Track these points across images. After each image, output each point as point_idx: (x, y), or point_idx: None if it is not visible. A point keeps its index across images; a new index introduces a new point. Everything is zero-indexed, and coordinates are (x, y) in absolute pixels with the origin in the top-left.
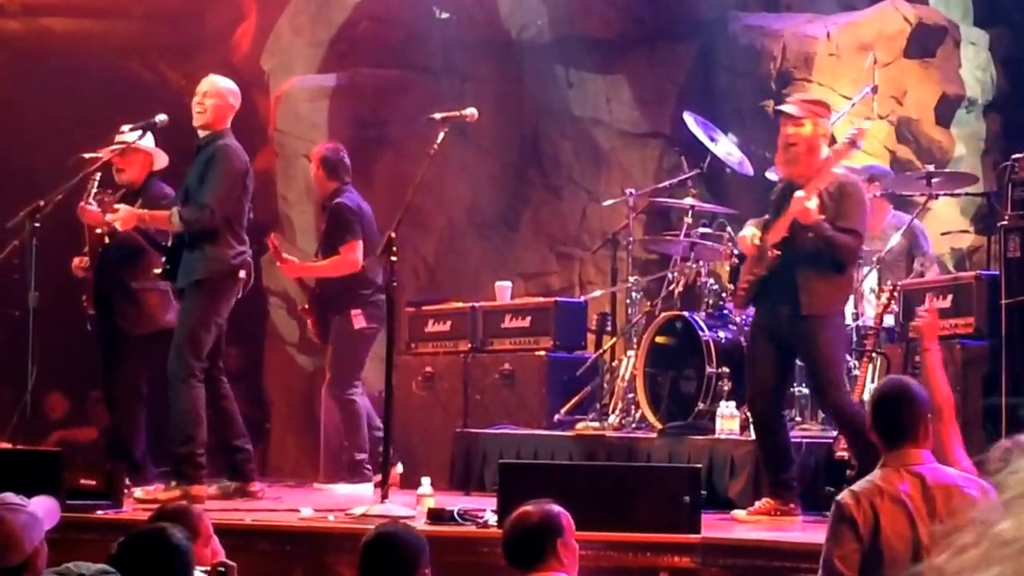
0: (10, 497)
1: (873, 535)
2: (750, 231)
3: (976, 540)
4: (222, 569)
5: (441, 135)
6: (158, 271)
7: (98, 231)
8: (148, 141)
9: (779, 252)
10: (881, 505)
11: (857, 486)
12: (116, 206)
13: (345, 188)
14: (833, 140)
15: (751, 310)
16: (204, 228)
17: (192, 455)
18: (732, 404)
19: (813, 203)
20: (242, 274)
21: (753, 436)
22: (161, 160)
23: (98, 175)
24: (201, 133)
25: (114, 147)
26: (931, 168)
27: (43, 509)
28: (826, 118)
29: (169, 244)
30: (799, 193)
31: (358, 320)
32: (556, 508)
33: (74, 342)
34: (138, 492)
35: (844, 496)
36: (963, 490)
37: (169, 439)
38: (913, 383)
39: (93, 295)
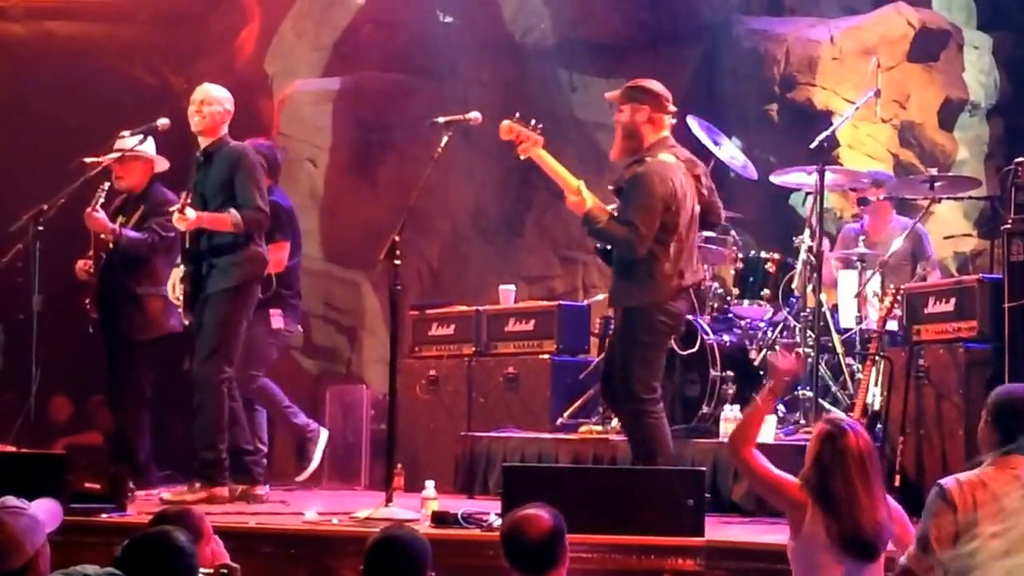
0: (11, 500)
1: (969, 523)
2: None
3: None
4: (225, 571)
5: (445, 139)
6: (178, 293)
7: (102, 236)
8: (148, 147)
9: (601, 246)
10: (981, 498)
11: (963, 476)
12: (187, 210)
13: (276, 187)
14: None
15: (746, 311)
16: (258, 229)
17: (218, 459)
18: (736, 408)
19: (577, 198)
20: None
21: (758, 440)
22: (161, 165)
23: (107, 183)
24: (203, 140)
25: (115, 153)
26: (934, 172)
27: (45, 512)
28: (648, 104)
29: (180, 258)
30: (567, 193)
31: (276, 320)
32: (554, 511)
33: (77, 346)
34: (166, 494)
35: (948, 481)
36: None
37: (195, 443)
38: None
39: (96, 299)
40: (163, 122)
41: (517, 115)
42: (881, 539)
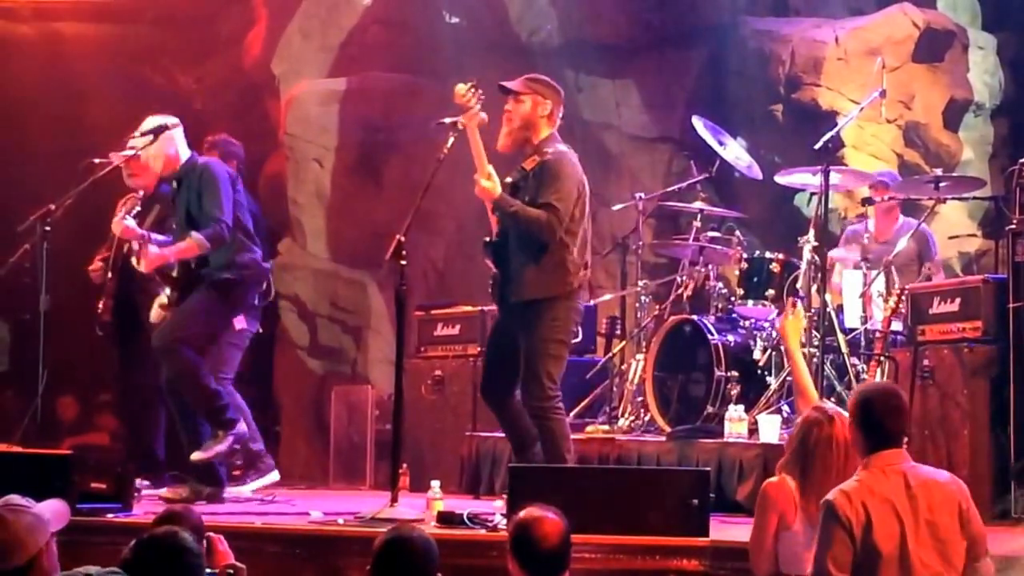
0: (15, 499)
1: (865, 534)
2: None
3: None
4: (231, 572)
5: (451, 139)
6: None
7: (138, 243)
8: (159, 146)
9: (495, 240)
10: (872, 504)
11: (846, 486)
12: (142, 252)
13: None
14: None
15: (750, 312)
16: (223, 241)
17: (225, 404)
18: (741, 408)
19: (489, 182)
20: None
21: (762, 440)
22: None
23: (141, 192)
24: (168, 176)
25: (125, 152)
26: (939, 172)
27: (52, 512)
28: (550, 100)
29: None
30: (476, 176)
31: (239, 321)
32: (559, 512)
33: (85, 346)
34: (165, 492)
35: (836, 496)
36: (941, 484)
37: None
38: (900, 391)
39: (113, 302)
40: (173, 122)
41: (472, 83)
42: None
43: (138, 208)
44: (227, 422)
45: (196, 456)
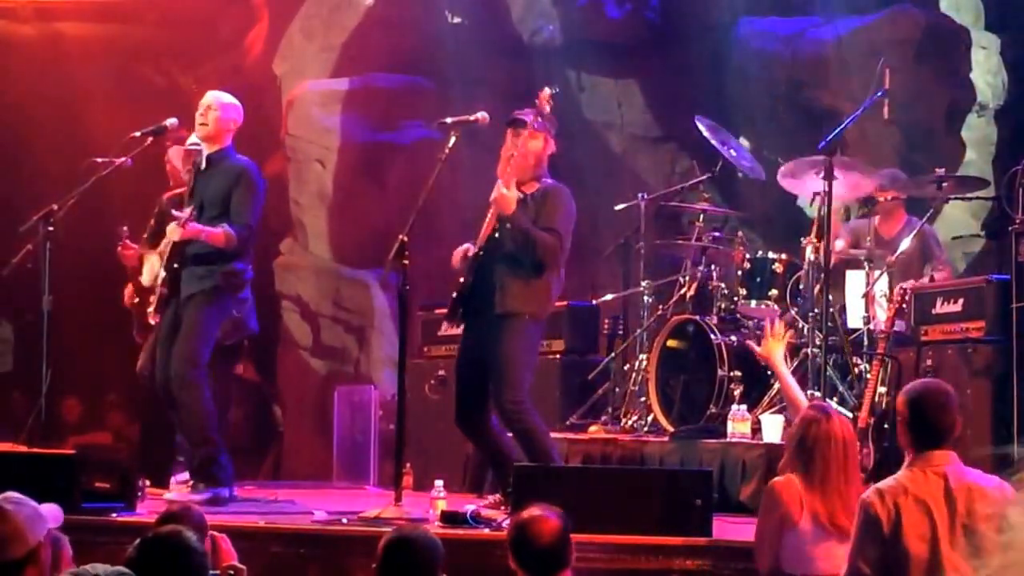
0: (13, 495)
1: (894, 533)
2: (464, 246)
3: None
4: (232, 572)
5: (452, 139)
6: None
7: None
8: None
9: (481, 253)
10: (904, 504)
11: (883, 484)
12: (180, 215)
13: None
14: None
15: (753, 311)
16: (245, 248)
17: (216, 453)
18: (743, 408)
19: (512, 192)
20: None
21: (765, 440)
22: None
23: (184, 199)
24: (207, 147)
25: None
26: (942, 172)
27: (46, 510)
28: (552, 138)
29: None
30: (499, 183)
31: None
32: (560, 511)
33: (88, 346)
34: (170, 494)
35: (870, 495)
36: (984, 489)
37: (189, 441)
38: (950, 389)
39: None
40: (172, 122)
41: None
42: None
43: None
44: (212, 477)
45: (168, 495)
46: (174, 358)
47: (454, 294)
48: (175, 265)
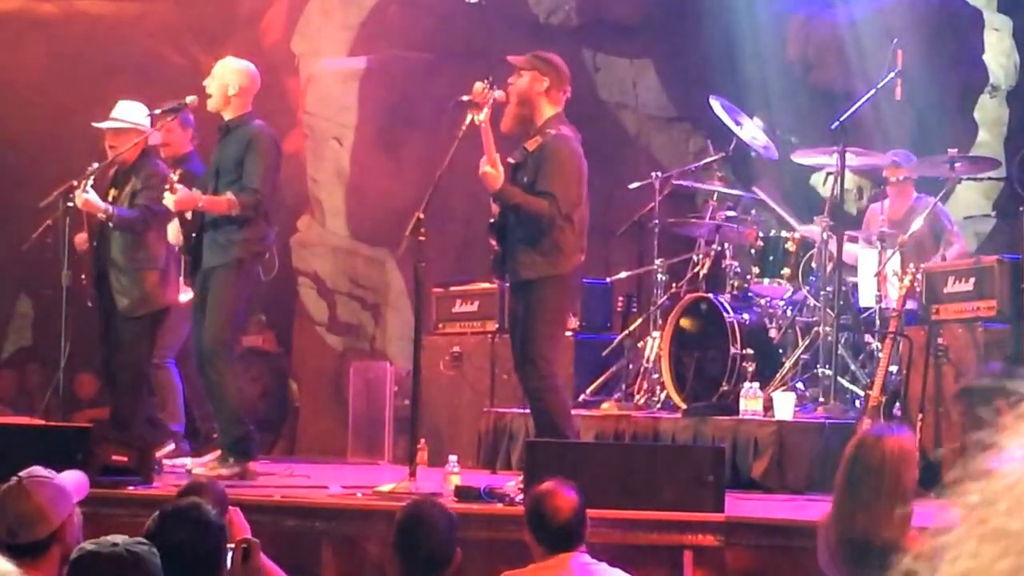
0: (38, 470)
1: None
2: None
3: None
4: (245, 546)
5: (469, 118)
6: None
7: (100, 216)
8: (138, 117)
9: (493, 220)
10: None
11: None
12: (177, 186)
13: (193, 153)
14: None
15: (766, 290)
16: (254, 212)
17: (248, 432)
18: (756, 385)
19: (493, 170)
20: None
21: (777, 417)
22: (154, 138)
23: (95, 164)
24: (224, 114)
25: (109, 122)
26: (954, 152)
27: (72, 483)
28: (549, 76)
29: (183, 237)
30: (483, 160)
31: (185, 293)
32: (575, 485)
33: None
34: (198, 469)
35: None
36: None
37: (218, 419)
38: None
39: (93, 274)
40: (191, 99)
41: (488, 80)
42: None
43: (92, 180)
44: (244, 453)
45: (194, 468)
46: (204, 337)
47: (491, 257)
48: (192, 233)
